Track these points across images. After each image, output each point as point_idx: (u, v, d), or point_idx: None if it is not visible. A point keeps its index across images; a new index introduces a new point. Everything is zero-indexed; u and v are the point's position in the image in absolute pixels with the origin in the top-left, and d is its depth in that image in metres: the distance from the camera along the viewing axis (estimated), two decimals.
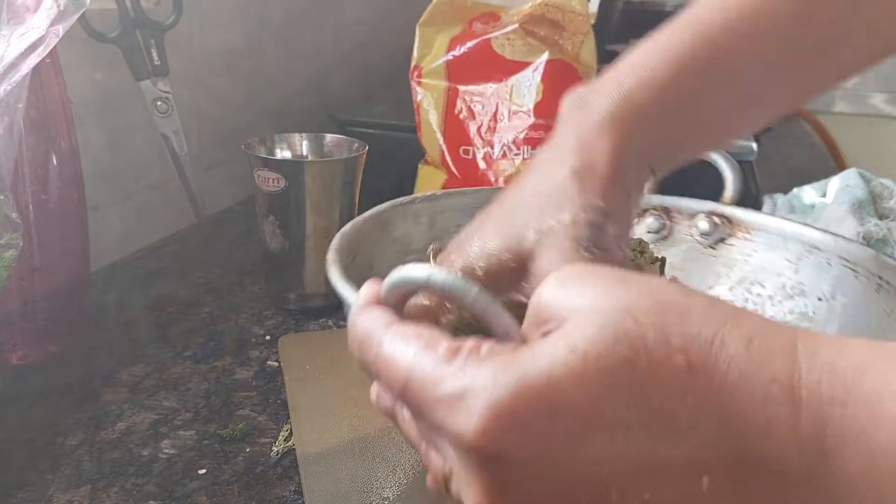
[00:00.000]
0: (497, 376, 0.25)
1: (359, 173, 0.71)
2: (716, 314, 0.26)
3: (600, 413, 0.25)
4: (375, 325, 0.30)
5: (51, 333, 0.62)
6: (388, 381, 0.29)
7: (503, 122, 0.78)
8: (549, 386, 0.25)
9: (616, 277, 0.27)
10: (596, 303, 0.26)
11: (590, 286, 0.27)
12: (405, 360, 0.28)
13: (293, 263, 0.70)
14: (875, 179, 0.78)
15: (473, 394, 0.25)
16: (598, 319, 0.25)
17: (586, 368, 0.25)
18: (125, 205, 0.83)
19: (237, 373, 0.62)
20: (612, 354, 0.25)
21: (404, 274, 0.31)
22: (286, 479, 0.50)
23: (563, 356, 0.25)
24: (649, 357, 0.25)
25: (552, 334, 0.26)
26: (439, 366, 0.27)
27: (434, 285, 0.29)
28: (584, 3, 0.79)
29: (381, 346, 0.29)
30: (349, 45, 1.23)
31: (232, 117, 0.97)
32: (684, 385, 0.25)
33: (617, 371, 0.25)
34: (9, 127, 0.50)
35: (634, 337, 0.25)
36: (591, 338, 0.25)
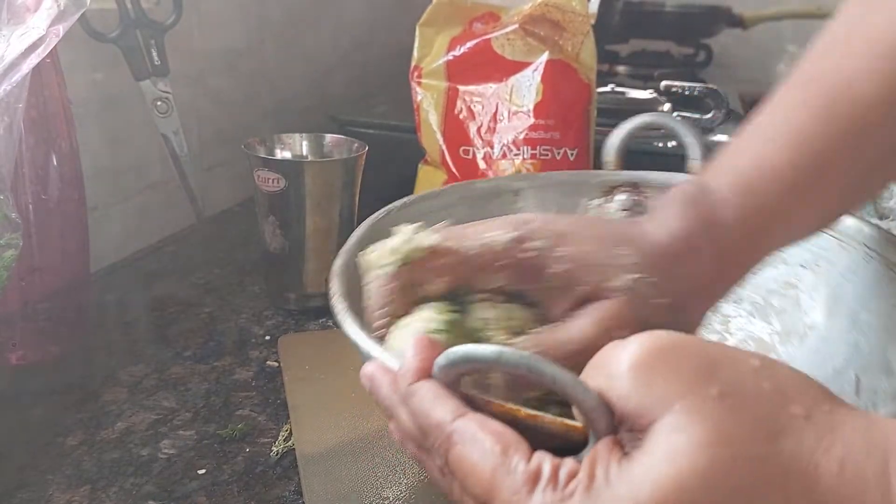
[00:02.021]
0: (607, 496, 0.24)
1: (359, 173, 0.71)
2: (811, 430, 0.25)
3: None
4: (441, 414, 0.29)
5: (51, 333, 0.62)
6: (465, 485, 0.28)
7: (503, 123, 0.78)
8: None
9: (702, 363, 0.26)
10: (682, 430, 0.24)
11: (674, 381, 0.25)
12: (485, 476, 0.27)
13: (293, 263, 0.70)
14: None
15: None
16: (687, 456, 0.24)
17: (692, 492, 0.24)
18: (125, 205, 0.83)
19: (237, 373, 0.62)
20: (706, 499, 0.24)
21: (469, 351, 0.28)
22: (286, 479, 0.50)
23: (666, 479, 0.24)
24: (747, 499, 0.24)
25: (634, 464, 0.25)
26: (519, 496, 0.26)
27: (506, 365, 0.27)
28: (583, 3, 0.78)
29: (453, 448, 0.28)
30: (349, 45, 1.23)
31: (232, 117, 0.97)
32: None
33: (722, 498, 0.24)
34: (9, 127, 0.50)
35: (730, 478, 0.24)
36: (681, 483, 0.24)
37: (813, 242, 0.52)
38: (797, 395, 0.26)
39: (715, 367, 0.26)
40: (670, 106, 0.92)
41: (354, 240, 0.49)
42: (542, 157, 0.77)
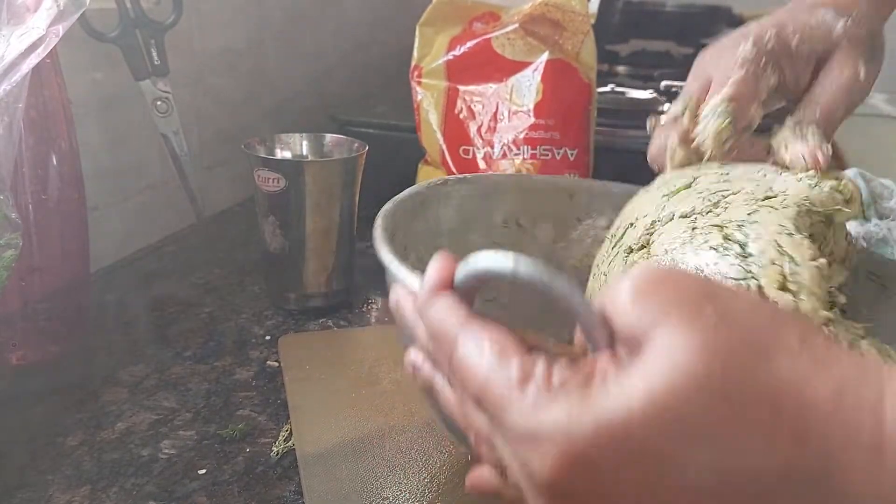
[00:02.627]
0: (570, 420, 0.25)
1: (359, 173, 0.71)
2: (806, 354, 0.25)
3: (676, 463, 0.24)
4: (450, 321, 0.30)
5: (51, 333, 0.62)
6: (464, 384, 0.29)
7: (503, 122, 0.78)
8: (627, 436, 0.24)
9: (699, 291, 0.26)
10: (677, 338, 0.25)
11: (671, 300, 0.26)
12: (481, 372, 0.28)
13: (293, 263, 0.70)
14: (875, 179, 0.78)
15: (547, 436, 0.25)
16: (680, 363, 0.24)
17: (665, 418, 0.24)
18: (125, 205, 0.83)
19: (237, 373, 0.62)
20: (695, 403, 0.24)
21: (487, 264, 0.29)
22: (286, 480, 0.50)
23: (641, 404, 0.24)
24: (734, 409, 0.24)
25: (629, 368, 0.26)
26: (511, 390, 0.27)
27: (521, 277, 0.28)
28: (584, 3, 0.78)
29: (457, 349, 0.29)
30: (349, 45, 1.23)
31: (232, 117, 0.97)
32: (768, 436, 0.24)
33: (698, 420, 0.24)
34: (9, 127, 0.50)
35: (720, 386, 0.24)
36: (673, 384, 0.24)
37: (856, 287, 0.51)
38: (793, 325, 0.26)
39: (713, 294, 0.26)
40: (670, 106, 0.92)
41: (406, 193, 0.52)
42: (542, 156, 0.77)
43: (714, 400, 0.24)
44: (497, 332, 0.29)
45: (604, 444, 0.25)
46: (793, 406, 0.24)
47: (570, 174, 0.76)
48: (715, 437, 0.24)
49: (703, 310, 0.25)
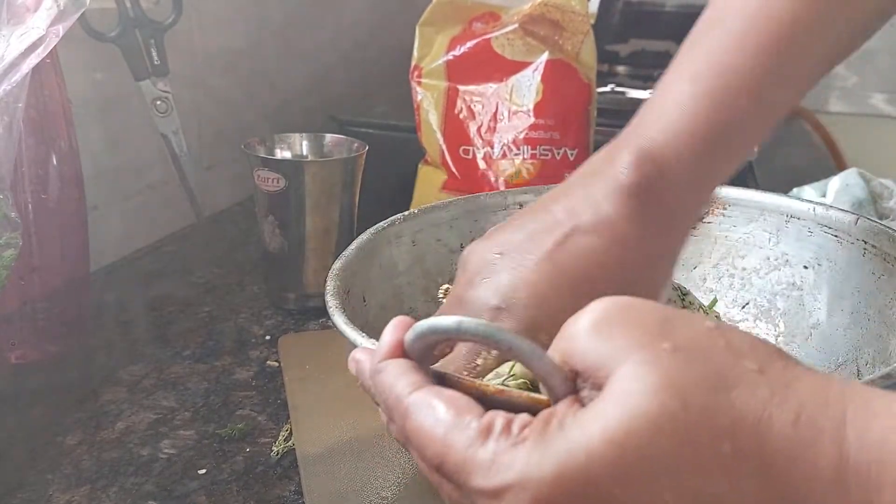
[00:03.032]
0: (530, 466, 0.25)
1: (359, 173, 0.71)
2: (764, 384, 0.25)
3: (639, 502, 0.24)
4: (401, 388, 0.29)
5: (50, 333, 0.62)
6: (421, 453, 0.28)
7: (503, 122, 0.78)
8: (588, 481, 0.24)
9: (655, 324, 0.26)
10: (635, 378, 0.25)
11: (630, 336, 0.26)
12: (437, 438, 0.27)
13: (293, 263, 0.70)
14: (875, 179, 0.78)
15: (510, 486, 0.25)
16: (638, 404, 0.24)
17: (625, 461, 0.24)
18: (125, 205, 0.83)
19: (237, 373, 0.62)
20: (654, 444, 0.24)
21: (432, 323, 0.29)
22: (286, 479, 0.50)
23: (600, 448, 0.24)
24: (694, 447, 0.24)
25: (587, 411, 0.25)
26: (472, 448, 0.26)
27: (465, 334, 0.29)
28: (583, 3, 0.78)
29: (409, 418, 0.28)
30: (349, 45, 1.23)
31: (232, 117, 0.97)
32: (730, 472, 0.24)
33: (659, 461, 0.24)
34: (8, 127, 0.50)
35: (678, 423, 0.24)
36: (630, 427, 0.24)
37: (813, 241, 0.52)
38: (751, 352, 0.26)
39: (670, 325, 0.26)
40: None
41: (354, 246, 0.52)
42: (542, 156, 0.77)
43: (674, 441, 0.24)
44: (448, 396, 0.28)
45: (566, 489, 0.24)
46: (753, 441, 0.24)
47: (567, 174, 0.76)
48: (678, 479, 0.24)
49: (661, 344, 0.25)
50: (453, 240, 0.57)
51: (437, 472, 0.28)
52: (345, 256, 0.51)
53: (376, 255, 0.54)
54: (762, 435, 0.24)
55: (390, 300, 0.53)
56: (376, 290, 0.52)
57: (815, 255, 0.52)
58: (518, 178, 0.77)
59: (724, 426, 0.24)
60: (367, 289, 0.51)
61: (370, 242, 0.53)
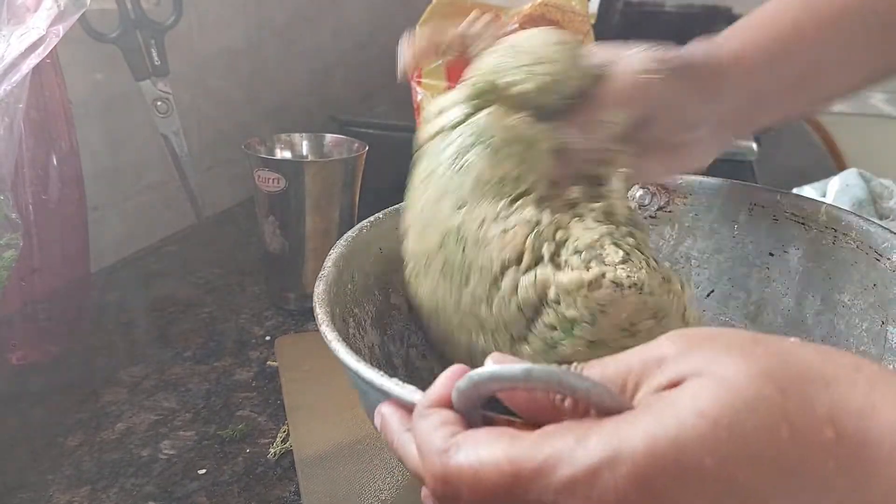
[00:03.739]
0: (624, 445, 0.24)
1: (359, 173, 0.71)
2: (862, 380, 0.24)
3: (733, 482, 0.23)
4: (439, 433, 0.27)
5: (51, 333, 0.62)
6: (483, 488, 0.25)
7: None
8: (679, 452, 0.23)
9: (747, 338, 0.26)
10: (728, 366, 0.24)
11: (719, 345, 0.25)
12: (502, 456, 0.25)
13: (293, 264, 0.70)
14: (875, 179, 0.78)
15: (606, 468, 0.24)
16: (731, 383, 0.24)
17: (717, 436, 0.23)
18: (125, 205, 0.83)
19: (237, 373, 0.62)
20: (749, 422, 0.23)
21: (495, 371, 0.26)
22: (286, 480, 0.50)
23: (691, 422, 0.23)
24: (792, 427, 0.23)
25: (676, 391, 0.25)
26: (547, 445, 0.25)
27: (536, 382, 0.26)
28: (584, 3, 0.78)
29: (458, 453, 0.26)
30: (349, 45, 1.23)
31: (232, 117, 0.97)
32: (832, 456, 0.23)
33: (754, 440, 0.23)
34: (9, 127, 0.50)
35: (774, 405, 0.23)
36: (723, 403, 0.23)
37: (776, 228, 0.53)
38: (840, 356, 0.26)
39: (758, 339, 0.26)
40: None
41: (331, 262, 0.47)
42: None
43: (770, 422, 0.23)
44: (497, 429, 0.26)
45: (659, 460, 0.23)
46: (857, 427, 0.23)
47: None
48: (774, 458, 0.23)
49: (755, 350, 0.25)
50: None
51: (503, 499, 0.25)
52: (323, 277, 0.46)
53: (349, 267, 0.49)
54: (866, 423, 0.23)
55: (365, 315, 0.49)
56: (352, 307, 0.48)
57: (782, 242, 0.53)
58: None
59: (824, 412, 0.23)
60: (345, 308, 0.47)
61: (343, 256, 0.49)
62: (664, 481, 0.23)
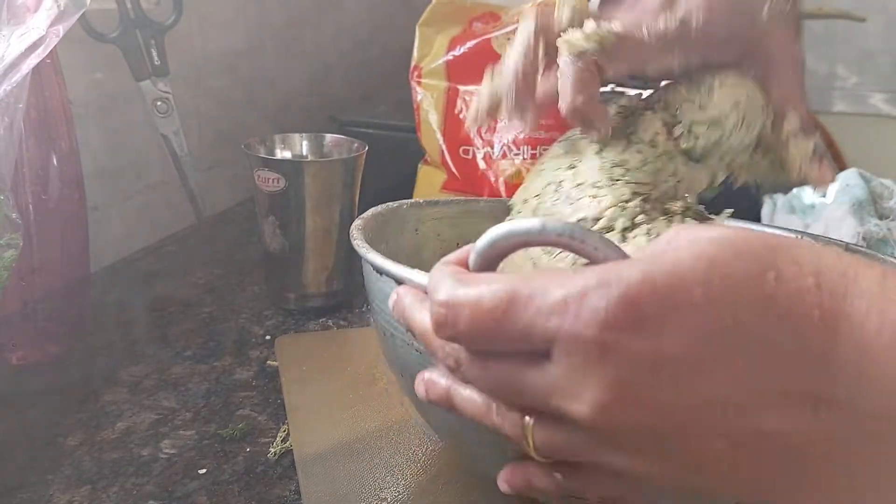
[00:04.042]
0: (621, 273, 0.25)
1: (359, 173, 0.71)
2: (848, 257, 0.26)
3: (720, 316, 0.24)
4: (444, 275, 0.28)
5: (51, 333, 0.62)
6: (482, 310, 0.27)
7: (503, 122, 0.78)
8: (672, 282, 0.24)
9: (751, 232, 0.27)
10: (731, 232, 0.26)
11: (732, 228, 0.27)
12: (499, 286, 0.26)
13: (293, 263, 0.70)
14: (875, 179, 0.78)
15: (600, 288, 0.25)
16: (729, 241, 0.25)
17: (711, 273, 0.24)
18: (125, 205, 0.83)
19: (237, 373, 0.62)
20: (740, 267, 0.25)
21: (512, 227, 0.28)
22: (286, 479, 0.50)
23: (688, 261, 0.25)
24: (779, 275, 0.25)
25: (674, 242, 0.26)
26: (540, 280, 0.26)
27: (549, 234, 0.27)
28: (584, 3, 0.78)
29: (465, 285, 0.27)
30: (349, 45, 1.23)
31: (232, 117, 0.97)
32: (811, 303, 0.24)
33: (743, 281, 0.24)
34: (9, 127, 0.50)
35: (764, 257, 0.25)
36: (720, 250, 0.25)
37: None
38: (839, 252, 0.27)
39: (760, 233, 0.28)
40: None
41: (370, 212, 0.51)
42: None
43: (761, 267, 0.25)
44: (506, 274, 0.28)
45: (653, 291, 0.24)
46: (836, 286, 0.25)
47: None
48: (760, 301, 0.24)
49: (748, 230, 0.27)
50: (453, 237, 0.57)
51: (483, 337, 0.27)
52: (363, 217, 0.50)
53: (385, 230, 0.53)
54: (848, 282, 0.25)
55: None
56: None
57: None
58: (518, 178, 0.77)
59: (809, 268, 0.25)
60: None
61: (383, 215, 0.52)
62: (653, 306, 0.24)
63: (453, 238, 0.57)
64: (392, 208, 0.54)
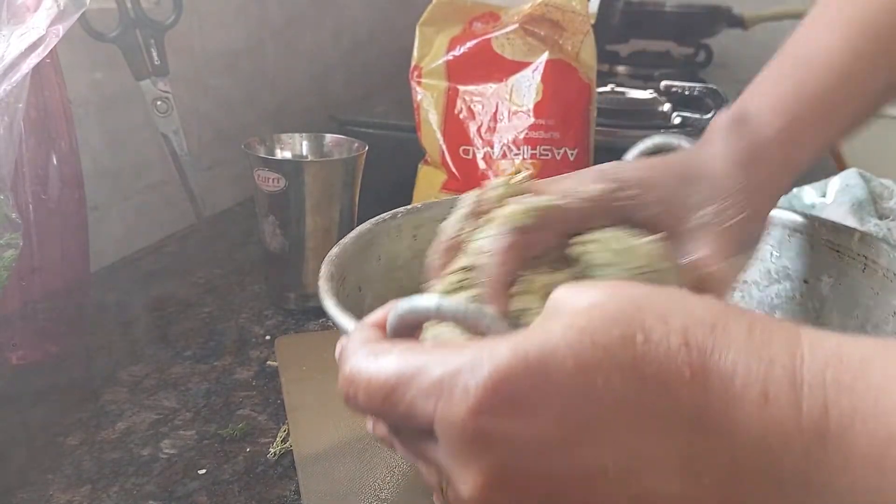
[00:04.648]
0: (492, 352, 0.25)
1: (359, 173, 0.71)
2: (720, 307, 0.26)
3: (592, 386, 0.24)
4: (356, 343, 0.29)
5: (51, 333, 0.62)
6: (367, 394, 0.28)
7: (503, 122, 0.78)
8: (543, 355, 0.24)
9: (630, 284, 0.27)
10: (599, 298, 0.26)
11: (601, 288, 0.27)
12: (390, 365, 0.27)
13: (293, 263, 0.70)
14: (875, 179, 0.78)
15: (469, 369, 0.25)
16: (599, 307, 0.26)
17: (581, 342, 0.24)
18: (125, 205, 0.83)
19: (237, 373, 0.62)
20: (609, 332, 0.25)
21: (412, 304, 0.29)
22: (286, 479, 0.50)
23: (559, 332, 0.25)
24: (646, 335, 0.25)
25: (550, 320, 0.26)
26: (424, 357, 0.26)
27: (445, 313, 0.29)
28: (584, 3, 0.78)
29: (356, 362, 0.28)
30: (349, 45, 1.23)
31: (232, 117, 0.97)
32: (680, 361, 0.24)
33: (612, 346, 0.24)
34: (9, 127, 0.50)
35: (632, 318, 0.25)
36: (589, 318, 0.25)
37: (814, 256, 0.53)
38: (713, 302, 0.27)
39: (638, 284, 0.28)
40: (670, 106, 0.92)
41: (354, 234, 0.51)
42: (542, 156, 0.77)
43: (630, 330, 0.25)
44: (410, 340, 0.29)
45: (522, 369, 0.24)
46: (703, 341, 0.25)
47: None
48: (630, 364, 0.24)
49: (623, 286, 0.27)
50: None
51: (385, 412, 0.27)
52: (342, 244, 0.50)
53: (375, 247, 0.53)
54: (716, 336, 0.25)
55: (389, 293, 0.52)
56: (374, 282, 0.52)
57: (817, 270, 0.52)
58: None
59: (677, 325, 0.25)
60: (364, 280, 0.51)
61: (369, 233, 0.53)
62: (524, 383, 0.24)
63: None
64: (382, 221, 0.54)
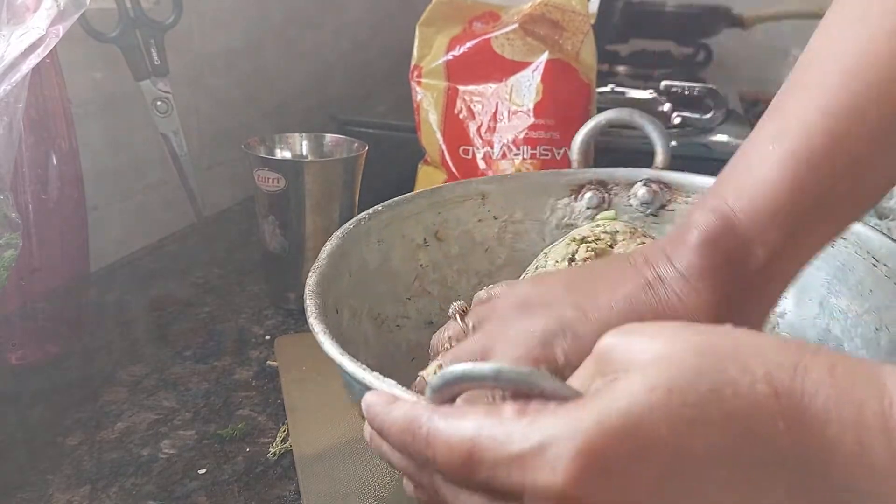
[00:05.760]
0: (578, 423, 0.24)
1: (359, 173, 0.71)
2: (793, 347, 0.25)
3: (689, 447, 0.24)
4: (418, 410, 0.29)
5: (50, 333, 0.62)
6: (447, 456, 0.27)
7: (503, 122, 0.78)
8: (633, 422, 0.24)
9: (682, 325, 0.27)
10: (667, 348, 0.25)
11: (657, 334, 0.26)
12: (467, 428, 0.26)
13: (293, 263, 0.70)
14: None
15: (556, 442, 0.24)
16: (675, 360, 0.25)
17: (670, 404, 0.24)
18: (125, 205, 0.83)
19: (237, 373, 0.62)
20: (696, 389, 0.24)
21: (466, 369, 0.27)
22: (286, 479, 0.50)
23: (642, 394, 0.24)
24: (734, 388, 0.24)
25: (625, 377, 0.25)
26: (507, 425, 0.26)
27: (503, 380, 0.27)
28: (584, 3, 0.78)
29: (432, 422, 0.28)
30: (349, 45, 1.23)
31: (232, 117, 0.97)
32: (772, 410, 0.24)
33: (702, 404, 0.24)
34: (9, 127, 0.50)
35: (715, 371, 0.24)
36: (671, 376, 0.24)
37: None
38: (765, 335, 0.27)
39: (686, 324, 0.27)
40: (670, 106, 0.92)
41: (325, 255, 0.49)
42: (542, 156, 0.77)
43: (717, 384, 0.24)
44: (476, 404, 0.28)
45: (613, 440, 0.24)
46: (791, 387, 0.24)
47: None
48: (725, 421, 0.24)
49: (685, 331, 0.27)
50: (417, 233, 0.57)
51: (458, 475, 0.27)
52: (317, 269, 0.48)
53: (347, 259, 0.51)
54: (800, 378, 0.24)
55: (361, 306, 0.51)
56: (348, 297, 0.50)
57: None
58: None
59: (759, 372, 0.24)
60: (340, 298, 0.49)
61: (339, 248, 0.51)
62: (617, 454, 0.24)
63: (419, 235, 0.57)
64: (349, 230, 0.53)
